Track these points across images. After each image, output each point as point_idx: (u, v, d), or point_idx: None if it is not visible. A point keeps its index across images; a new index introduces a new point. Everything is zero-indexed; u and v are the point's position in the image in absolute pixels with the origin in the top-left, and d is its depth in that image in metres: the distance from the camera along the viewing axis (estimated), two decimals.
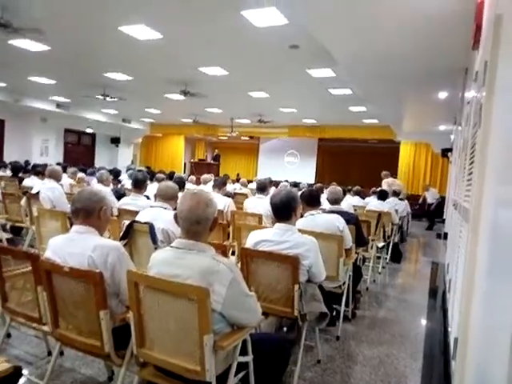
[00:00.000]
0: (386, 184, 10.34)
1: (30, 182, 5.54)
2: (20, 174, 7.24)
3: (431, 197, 11.54)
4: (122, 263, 1.74)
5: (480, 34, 2.92)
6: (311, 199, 3.14)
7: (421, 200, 12.12)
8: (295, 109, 11.75)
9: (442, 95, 7.34)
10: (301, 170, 17.23)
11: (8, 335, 2.64)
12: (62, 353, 2.39)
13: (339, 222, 3.05)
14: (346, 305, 3.29)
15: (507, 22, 1.69)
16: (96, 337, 1.72)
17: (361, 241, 3.59)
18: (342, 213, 3.53)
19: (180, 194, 3.79)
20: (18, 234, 5.06)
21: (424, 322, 3.74)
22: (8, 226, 4.86)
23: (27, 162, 11.10)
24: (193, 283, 1.46)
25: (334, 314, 3.10)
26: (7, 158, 12.96)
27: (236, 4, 4.70)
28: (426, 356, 2.93)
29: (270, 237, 2.24)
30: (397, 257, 6.17)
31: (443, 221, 10.17)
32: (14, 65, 8.47)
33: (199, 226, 1.54)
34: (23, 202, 4.38)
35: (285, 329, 2.36)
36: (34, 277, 1.88)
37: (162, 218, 2.61)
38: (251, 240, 2.30)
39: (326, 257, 2.87)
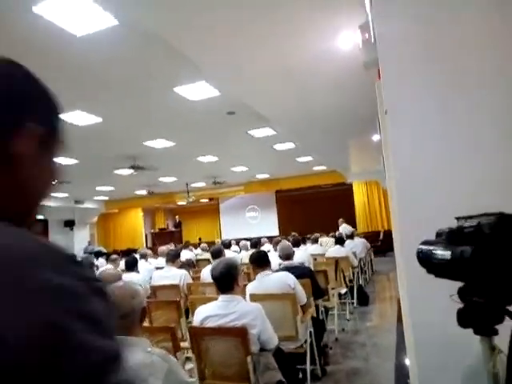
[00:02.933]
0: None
1: None
2: None
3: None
4: None
5: None
6: (259, 261, 3.18)
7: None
8: (246, 167, 12.09)
9: (376, 138, 7.91)
10: (263, 224, 17.37)
11: None
12: None
13: (289, 279, 3.07)
14: (313, 362, 3.22)
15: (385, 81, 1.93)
16: None
17: (317, 292, 3.62)
18: (294, 268, 3.57)
19: (125, 276, 3.69)
20: None
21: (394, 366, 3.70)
22: None
23: None
24: None
25: (301, 375, 3.03)
26: None
27: (167, 83, 4.98)
28: None
29: (215, 311, 2.22)
30: (363, 299, 6.19)
31: None
32: None
33: (127, 320, 1.51)
34: None
35: None
36: None
37: None
38: (198, 317, 2.26)
39: (281, 317, 2.86)
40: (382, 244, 12.25)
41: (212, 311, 2.22)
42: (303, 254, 5.46)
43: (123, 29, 3.60)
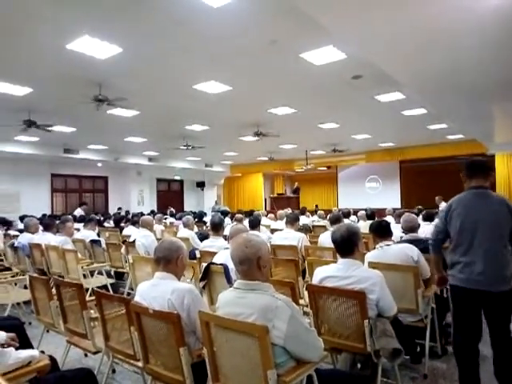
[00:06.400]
0: None
1: (129, 231, 6.28)
2: (122, 224, 8.23)
3: None
4: (196, 304, 1.96)
5: None
6: (381, 230, 3.11)
7: None
8: (369, 134, 11.55)
9: None
10: (384, 195, 16.50)
11: (113, 371, 3.01)
12: None
13: (412, 252, 2.94)
14: (434, 340, 3.08)
15: None
16: (179, 372, 1.93)
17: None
18: (417, 241, 3.39)
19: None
20: (121, 279, 5.71)
21: None
22: (112, 272, 5.53)
23: (127, 212, 12.48)
24: (255, 320, 1.59)
25: (419, 349, 2.94)
26: (112, 209, 14.76)
27: (294, 49, 5.01)
28: None
29: (334, 272, 2.29)
30: None
31: None
32: (113, 130, 9.87)
33: (243, 265, 1.70)
34: (123, 249, 5.00)
35: (359, 365, 2.32)
36: (127, 318, 2.19)
37: None
38: (316, 276, 2.37)
39: (401, 289, 2.79)
40: None
41: (332, 272, 2.30)
42: (430, 228, 5.09)
43: None
